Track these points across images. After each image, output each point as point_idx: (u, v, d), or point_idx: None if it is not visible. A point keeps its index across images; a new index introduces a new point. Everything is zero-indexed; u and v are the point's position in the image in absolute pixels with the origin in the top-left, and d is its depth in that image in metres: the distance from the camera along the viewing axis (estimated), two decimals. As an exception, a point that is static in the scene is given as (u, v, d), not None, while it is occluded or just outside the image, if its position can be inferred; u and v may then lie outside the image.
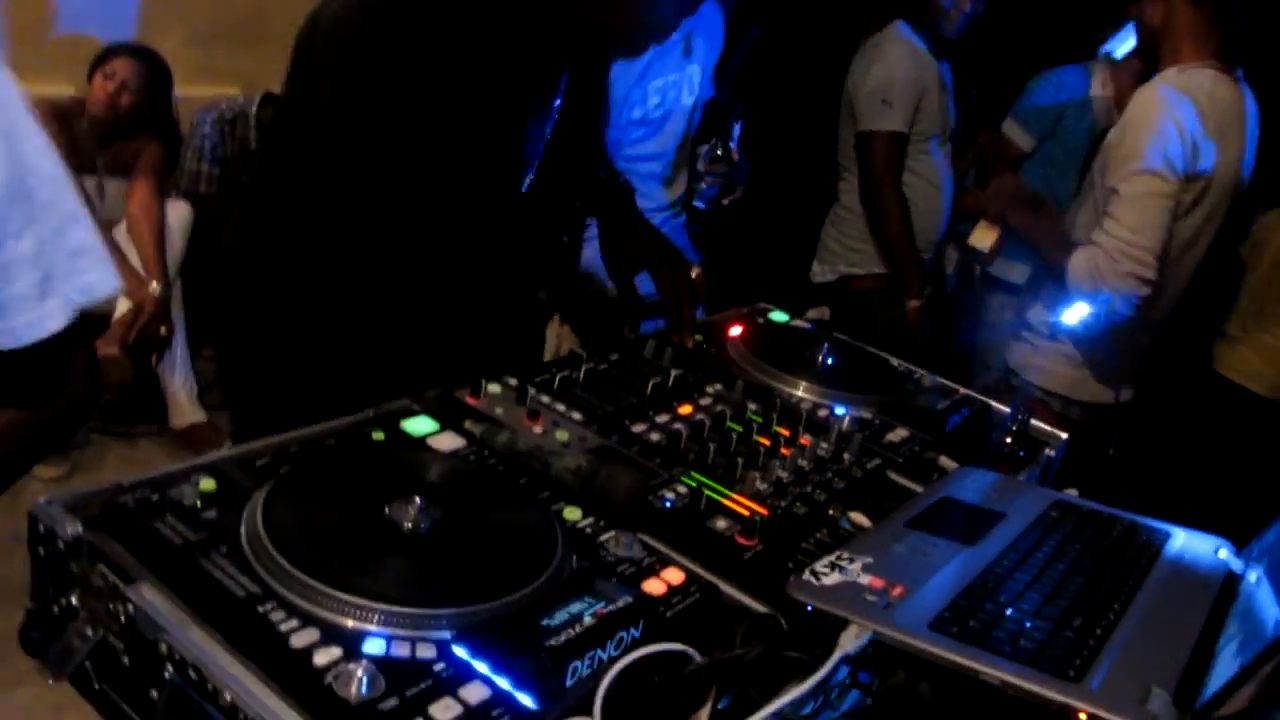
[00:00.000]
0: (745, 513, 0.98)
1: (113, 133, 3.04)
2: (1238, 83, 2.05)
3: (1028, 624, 0.81)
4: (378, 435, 0.99)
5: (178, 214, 3.10)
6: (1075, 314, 1.80)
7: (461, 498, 0.87)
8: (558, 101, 1.38)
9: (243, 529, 0.79)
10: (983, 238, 2.34)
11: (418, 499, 0.83)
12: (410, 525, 0.81)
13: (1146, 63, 2.09)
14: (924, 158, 2.72)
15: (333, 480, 0.87)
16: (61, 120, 2.96)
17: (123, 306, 2.85)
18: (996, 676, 0.74)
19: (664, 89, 2.13)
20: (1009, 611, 0.83)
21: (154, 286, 2.87)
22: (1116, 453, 1.96)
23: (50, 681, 0.77)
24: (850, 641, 0.79)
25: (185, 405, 3.07)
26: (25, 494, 0.83)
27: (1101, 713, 0.70)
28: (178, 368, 3.06)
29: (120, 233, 2.98)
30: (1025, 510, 1.04)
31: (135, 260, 2.92)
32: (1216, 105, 1.99)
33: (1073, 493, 1.13)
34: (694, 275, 1.50)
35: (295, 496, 0.83)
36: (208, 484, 0.84)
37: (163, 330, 2.89)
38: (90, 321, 0.92)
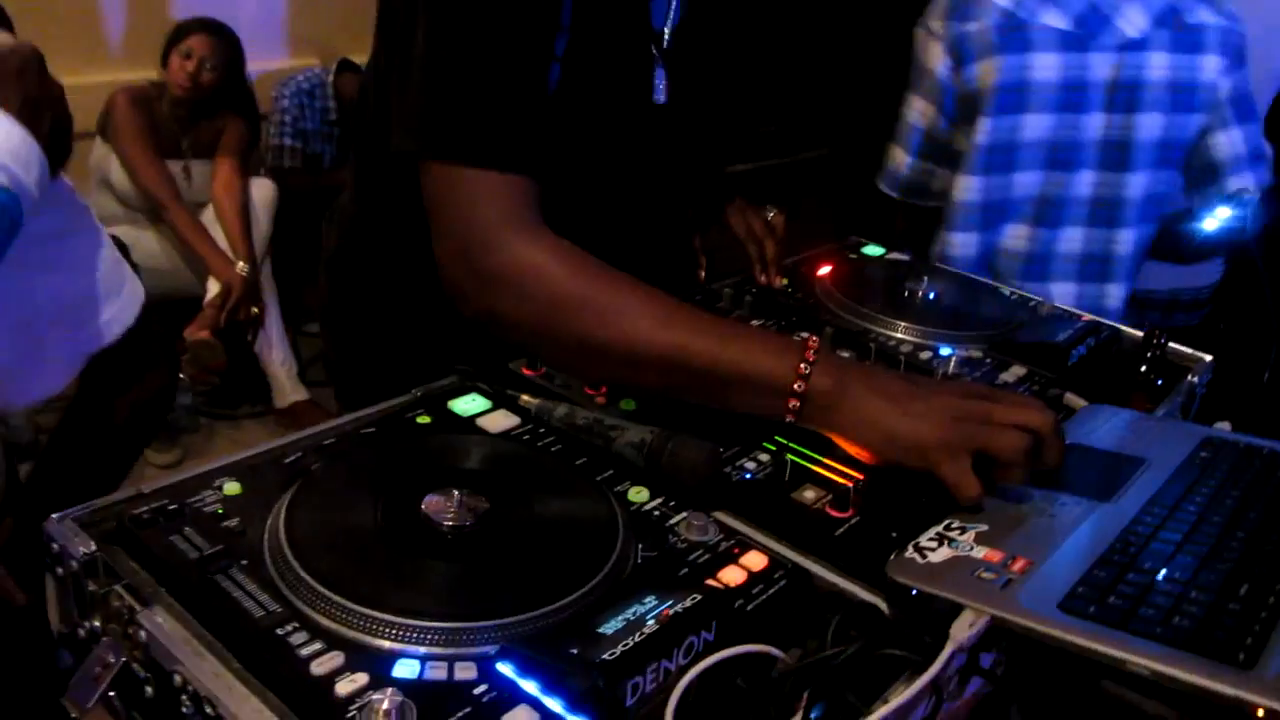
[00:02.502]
0: (838, 479, 0.86)
1: (195, 112, 3.02)
2: None
3: (1181, 597, 0.67)
4: (423, 419, 0.90)
5: (262, 192, 3.08)
6: (1216, 220, 1.58)
7: (508, 486, 0.77)
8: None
9: (264, 538, 0.71)
10: None
11: (456, 492, 0.74)
12: (450, 523, 0.72)
13: None
14: None
15: (363, 476, 0.78)
16: (145, 106, 2.96)
17: (213, 289, 2.85)
18: (1147, 666, 0.62)
19: None
20: (1158, 580, 0.70)
21: (241, 266, 2.86)
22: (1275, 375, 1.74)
23: (74, 715, 0.70)
24: (964, 632, 0.67)
25: (286, 384, 3.08)
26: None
27: (1284, 711, 0.57)
28: (275, 347, 3.06)
29: (207, 215, 2.98)
30: (1169, 453, 0.89)
31: (223, 241, 2.92)
32: None
33: (1225, 426, 0.98)
34: (771, 216, 1.37)
35: (321, 498, 0.74)
36: (232, 487, 0.77)
37: (254, 310, 2.89)
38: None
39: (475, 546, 0.71)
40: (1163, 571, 0.71)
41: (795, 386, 0.85)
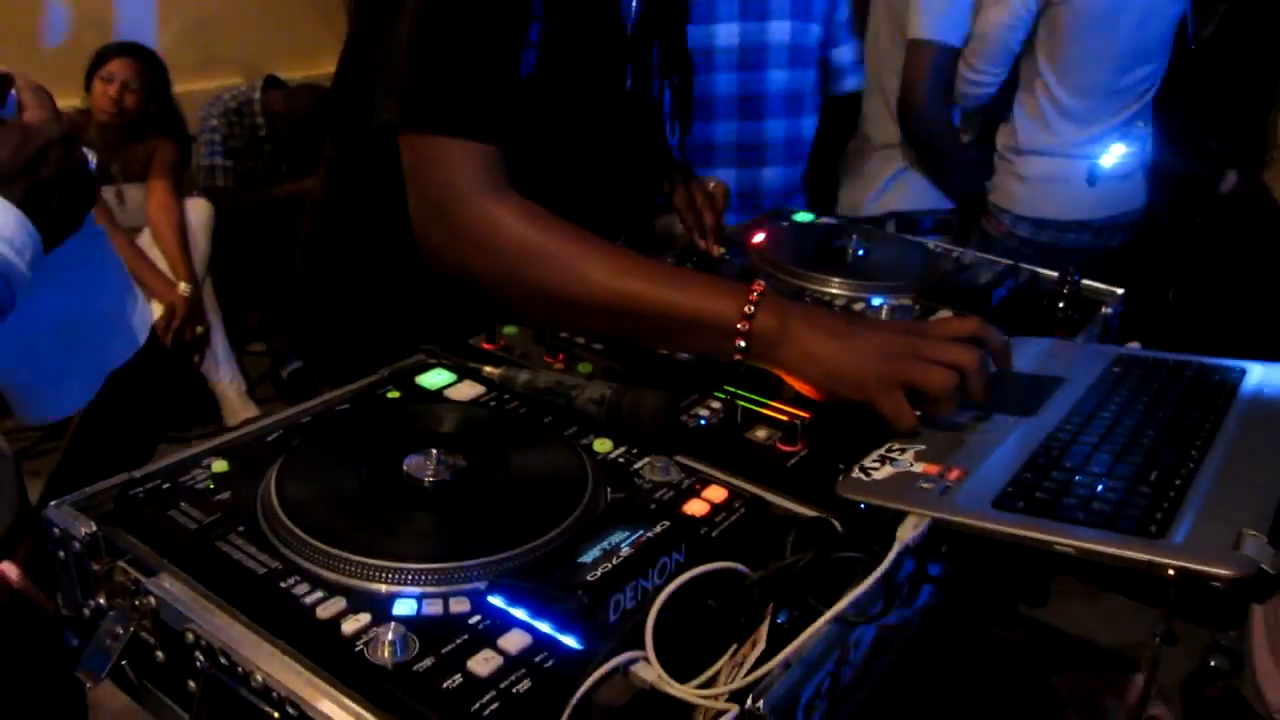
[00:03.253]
0: (785, 419, 0.93)
1: (123, 136, 3.02)
2: None
3: (1099, 487, 0.75)
4: (393, 394, 0.95)
5: (198, 212, 3.09)
6: (1113, 156, 1.71)
7: (482, 444, 0.83)
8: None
9: (258, 505, 0.76)
10: None
11: (434, 451, 0.79)
12: (431, 478, 0.77)
13: None
14: None
15: (345, 444, 0.84)
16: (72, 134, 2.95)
17: (155, 312, 2.85)
18: (1071, 545, 0.69)
19: None
20: (1078, 477, 0.77)
21: (183, 287, 2.87)
22: (1177, 298, 1.87)
23: (89, 685, 0.75)
24: (909, 533, 0.73)
25: (236, 402, 3.09)
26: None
27: (1190, 564, 0.64)
28: (221, 366, 3.07)
29: (144, 238, 2.98)
30: (1086, 371, 0.97)
31: (162, 264, 2.92)
32: None
33: (1135, 346, 1.06)
34: (711, 187, 1.44)
35: (308, 464, 0.79)
36: (220, 465, 0.81)
37: (198, 330, 2.90)
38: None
39: (457, 497, 0.77)
40: (1083, 469, 0.78)
41: (740, 326, 0.91)
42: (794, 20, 2.01)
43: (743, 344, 0.92)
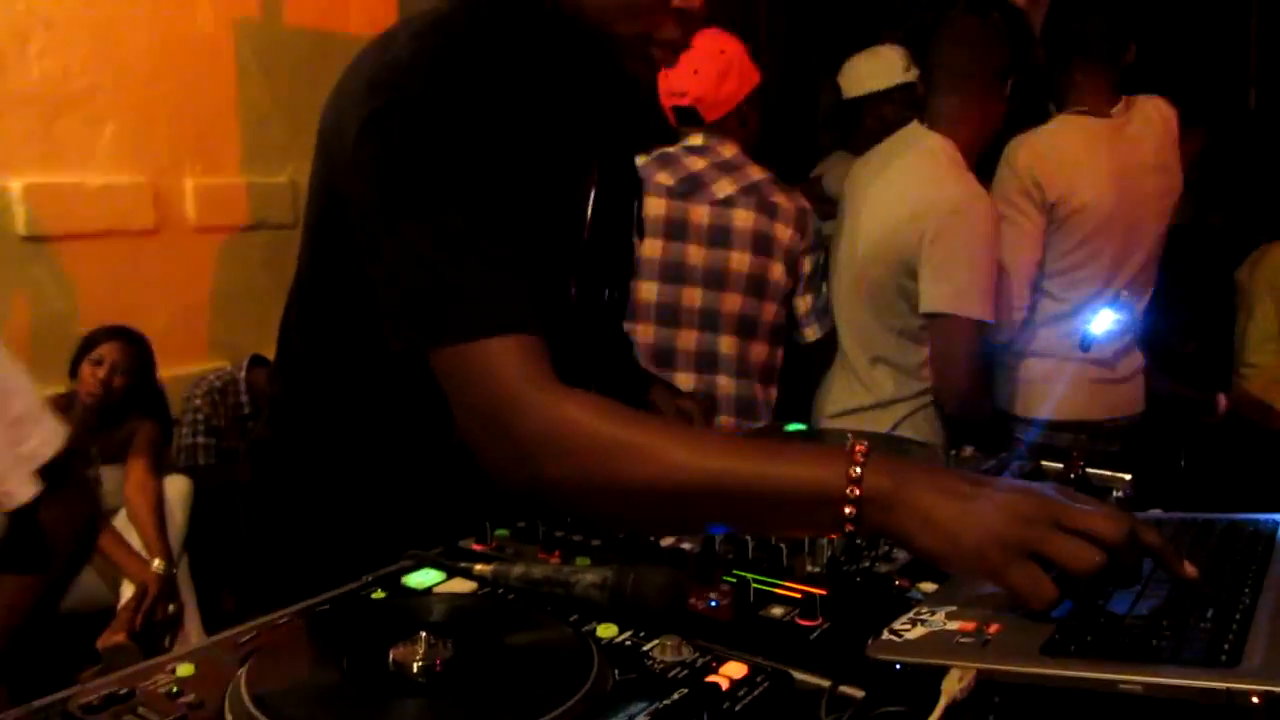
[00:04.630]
0: (800, 596, 0.87)
1: (105, 419, 3.00)
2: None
3: (1155, 625, 0.69)
4: (378, 595, 0.88)
5: (176, 489, 3.03)
6: (1103, 322, 1.74)
7: (475, 629, 0.76)
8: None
9: (225, 703, 0.68)
10: None
11: (424, 634, 0.72)
12: (420, 665, 0.70)
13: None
14: None
15: (327, 639, 0.76)
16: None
17: (127, 591, 2.74)
18: (1139, 682, 0.62)
19: None
20: (1131, 618, 0.71)
21: (156, 564, 2.76)
22: (1189, 464, 1.84)
23: None
24: (955, 686, 0.66)
25: (208, 687, 2.90)
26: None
27: (1278, 688, 0.57)
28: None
29: (120, 519, 2.91)
30: (1112, 533, 0.92)
31: (137, 543, 2.83)
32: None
33: (1156, 512, 1.02)
34: (692, 404, 1.43)
35: (285, 659, 0.72)
36: (185, 669, 0.73)
37: (170, 609, 2.77)
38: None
39: (452, 684, 0.69)
40: (1131, 612, 0.72)
41: (849, 491, 0.80)
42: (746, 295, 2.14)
43: (853, 511, 0.79)
